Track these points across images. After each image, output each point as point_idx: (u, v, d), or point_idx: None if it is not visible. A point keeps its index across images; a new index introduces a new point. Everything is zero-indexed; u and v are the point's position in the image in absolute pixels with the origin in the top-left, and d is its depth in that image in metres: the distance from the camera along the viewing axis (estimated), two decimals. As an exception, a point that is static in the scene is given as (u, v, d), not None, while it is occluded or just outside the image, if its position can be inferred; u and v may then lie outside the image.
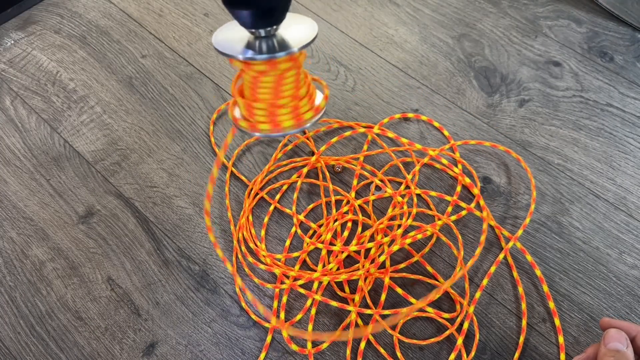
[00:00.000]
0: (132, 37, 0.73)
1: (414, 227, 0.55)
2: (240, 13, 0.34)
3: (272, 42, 0.37)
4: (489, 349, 0.49)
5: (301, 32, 0.38)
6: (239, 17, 0.35)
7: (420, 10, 0.76)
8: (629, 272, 0.53)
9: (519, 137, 0.62)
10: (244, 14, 0.34)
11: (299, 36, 0.37)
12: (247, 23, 0.35)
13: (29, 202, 0.58)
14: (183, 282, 0.53)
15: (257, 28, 0.35)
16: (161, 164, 0.61)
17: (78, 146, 0.62)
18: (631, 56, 0.70)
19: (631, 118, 0.64)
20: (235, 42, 0.37)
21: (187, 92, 0.67)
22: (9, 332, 0.50)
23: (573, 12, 0.75)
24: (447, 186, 0.58)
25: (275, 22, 0.36)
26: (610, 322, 0.39)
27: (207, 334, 0.50)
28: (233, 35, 0.38)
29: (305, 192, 0.58)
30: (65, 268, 0.54)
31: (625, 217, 0.56)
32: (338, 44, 0.72)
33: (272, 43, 0.37)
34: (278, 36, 0.37)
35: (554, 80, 0.68)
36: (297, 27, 0.38)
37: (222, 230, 0.56)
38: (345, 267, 0.52)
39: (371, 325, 0.49)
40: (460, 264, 0.52)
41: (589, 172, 0.60)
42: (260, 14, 0.34)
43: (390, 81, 0.68)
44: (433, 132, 0.63)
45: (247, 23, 0.35)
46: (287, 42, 0.37)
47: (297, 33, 0.38)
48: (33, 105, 0.66)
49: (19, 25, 0.74)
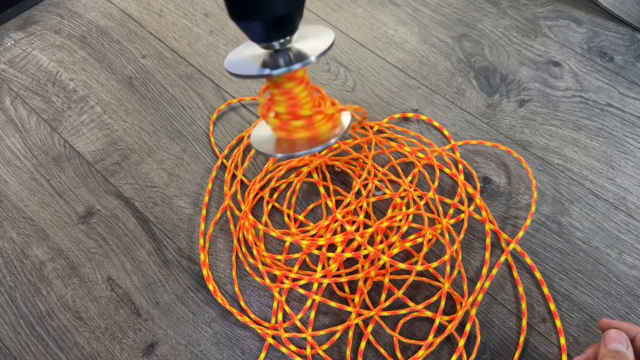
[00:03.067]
0: (132, 37, 0.73)
1: (414, 229, 0.55)
2: (250, 26, 0.32)
3: (288, 55, 0.35)
4: (489, 349, 0.49)
5: (316, 41, 0.36)
6: (250, 31, 0.33)
7: (420, 11, 0.76)
8: (628, 272, 0.53)
9: (518, 137, 0.62)
10: (255, 27, 0.32)
11: (314, 46, 0.35)
12: (259, 36, 0.33)
13: (29, 202, 0.58)
14: (183, 282, 0.53)
15: (269, 41, 0.33)
16: (161, 164, 0.61)
17: (78, 146, 0.62)
18: (631, 56, 0.70)
19: (631, 118, 0.64)
20: (250, 62, 0.35)
21: (187, 92, 0.67)
22: (9, 332, 0.50)
23: (573, 12, 0.75)
24: (448, 187, 0.58)
25: (289, 32, 0.33)
26: (610, 323, 0.39)
27: (207, 334, 0.50)
28: (246, 55, 0.36)
29: (305, 192, 0.58)
30: (65, 268, 0.54)
31: (625, 217, 0.56)
32: (338, 44, 0.72)
33: (289, 56, 0.35)
34: (294, 49, 0.35)
35: (554, 80, 0.68)
36: (312, 37, 0.36)
37: (222, 230, 0.56)
38: (345, 268, 0.52)
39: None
40: (459, 266, 0.52)
41: (589, 172, 0.60)
42: (270, 24, 0.32)
43: (390, 81, 0.68)
44: (433, 132, 0.63)
45: (259, 36, 0.33)
46: (303, 52, 0.35)
47: (311, 43, 0.36)
48: (33, 105, 0.66)
49: (19, 25, 0.74)
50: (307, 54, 0.34)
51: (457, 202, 0.56)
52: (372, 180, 0.58)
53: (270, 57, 0.35)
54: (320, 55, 0.35)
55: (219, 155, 0.61)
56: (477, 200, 0.56)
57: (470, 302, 0.50)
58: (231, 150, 0.62)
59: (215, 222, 0.56)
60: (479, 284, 0.51)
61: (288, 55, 0.35)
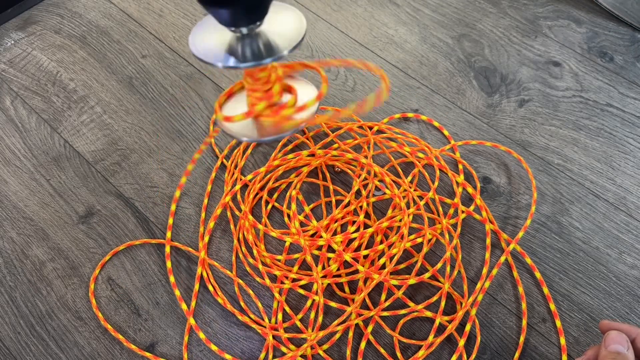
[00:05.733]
0: (132, 37, 0.73)
1: (414, 229, 0.55)
2: (219, 11, 0.31)
3: (256, 44, 0.32)
4: (489, 349, 0.49)
5: (288, 28, 0.33)
6: (218, 15, 0.31)
7: (420, 11, 0.76)
8: (628, 272, 0.53)
9: (518, 137, 0.62)
10: (223, 12, 0.30)
11: (286, 33, 0.33)
12: (226, 21, 0.31)
13: (29, 202, 0.58)
14: (183, 282, 0.53)
15: (238, 26, 0.32)
16: (161, 164, 0.61)
17: (78, 146, 0.62)
18: (631, 56, 0.70)
19: (631, 118, 0.64)
20: (216, 45, 0.33)
21: (187, 92, 0.67)
22: (9, 332, 0.50)
23: (573, 12, 0.75)
24: (448, 187, 0.58)
25: (258, 18, 0.32)
26: (610, 324, 0.39)
27: (207, 334, 0.50)
28: (213, 36, 0.34)
29: (305, 192, 0.58)
30: (65, 268, 0.54)
31: (625, 217, 0.56)
32: (338, 44, 0.72)
33: (257, 46, 0.32)
34: (262, 35, 0.33)
35: (554, 80, 0.68)
36: (282, 20, 0.34)
37: (222, 230, 0.56)
38: (345, 268, 0.52)
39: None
40: (459, 266, 0.52)
41: (589, 172, 0.60)
42: (241, 11, 0.30)
43: (390, 81, 0.68)
44: (433, 132, 0.63)
45: (227, 21, 0.31)
46: (274, 43, 0.32)
47: (283, 28, 0.33)
48: (33, 105, 0.66)
49: (19, 25, 0.74)
50: (279, 47, 0.32)
51: (458, 203, 0.56)
52: (372, 180, 0.58)
53: (238, 43, 0.33)
54: (293, 49, 0.33)
55: (219, 155, 0.61)
56: (477, 200, 0.56)
57: (470, 302, 0.50)
58: (231, 151, 0.62)
59: (215, 222, 0.56)
60: (479, 284, 0.51)
61: (257, 43, 0.32)
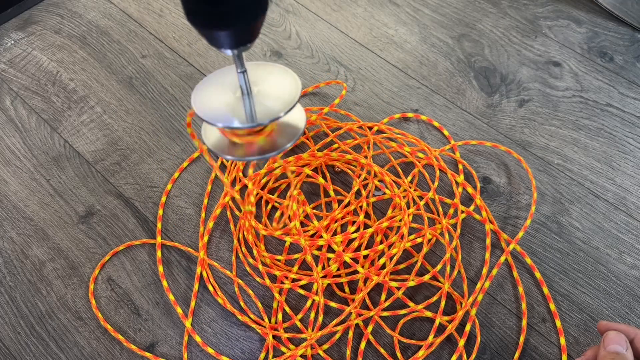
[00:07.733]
0: (132, 37, 0.73)
1: (414, 229, 0.55)
2: (214, 35, 0.34)
3: (252, 105, 0.37)
4: (489, 349, 0.49)
5: (284, 89, 0.38)
6: (211, 39, 0.34)
7: (420, 11, 0.76)
8: (628, 272, 0.53)
9: (518, 137, 0.62)
10: (219, 35, 0.33)
11: (282, 95, 0.37)
12: (218, 43, 0.35)
13: (29, 202, 0.58)
14: (183, 282, 0.53)
15: (230, 48, 0.34)
16: (161, 164, 0.61)
17: (78, 146, 0.62)
18: (631, 56, 0.70)
19: (631, 118, 0.64)
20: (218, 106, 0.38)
21: (187, 92, 0.67)
22: (9, 332, 0.50)
23: (573, 12, 0.75)
24: (448, 187, 0.58)
25: (248, 41, 0.34)
26: (608, 325, 0.39)
27: (207, 334, 0.50)
28: (214, 96, 0.38)
29: (305, 192, 0.58)
30: (65, 268, 0.54)
31: (625, 217, 0.56)
32: (338, 44, 0.72)
33: (253, 108, 0.37)
34: (260, 96, 0.37)
35: (554, 80, 0.68)
36: (277, 81, 0.38)
37: (222, 230, 0.56)
38: (345, 268, 0.52)
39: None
40: (459, 266, 0.52)
41: (589, 172, 0.60)
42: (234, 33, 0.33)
43: (390, 81, 0.68)
44: (433, 132, 0.63)
45: (218, 43, 0.34)
46: (269, 106, 0.37)
47: (279, 89, 0.38)
48: (33, 105, 0.66)
49: (19, 25, 0.74)
50: (275, 111, 0.37)
51: (458, 203, 0.56)
52: (372, 180, 0.58)
53: (238, 103, 0.37)
54: (288, 111, 0.37)
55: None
56: (477, 200, 0.56)
57: (470, 302, 0.50)
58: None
59: (215, 223, 0.56)
60: (479, 284, 0.51)
61: (253, 105, 0.37)
